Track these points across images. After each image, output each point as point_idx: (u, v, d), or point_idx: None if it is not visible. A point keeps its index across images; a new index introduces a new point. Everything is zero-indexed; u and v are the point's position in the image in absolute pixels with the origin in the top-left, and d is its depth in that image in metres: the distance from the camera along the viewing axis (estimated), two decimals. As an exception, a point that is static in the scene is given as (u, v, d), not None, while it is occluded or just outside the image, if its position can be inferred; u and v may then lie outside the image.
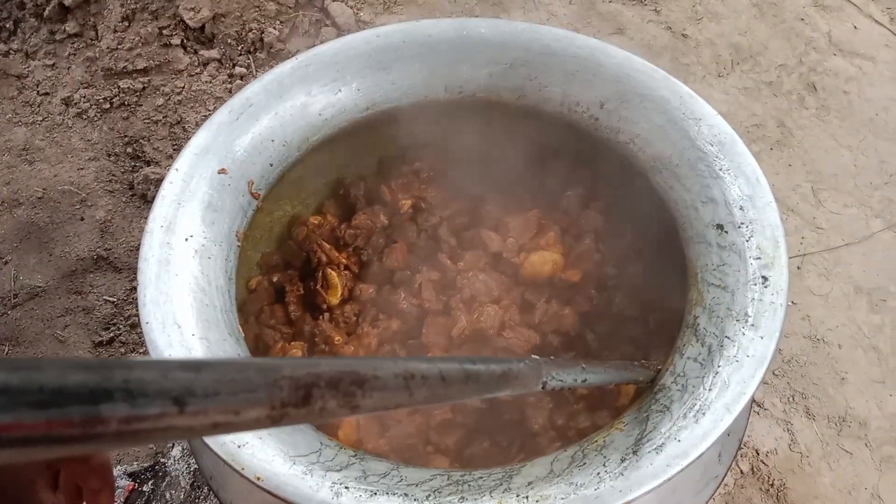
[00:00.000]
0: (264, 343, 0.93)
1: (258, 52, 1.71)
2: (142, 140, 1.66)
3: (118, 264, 1.53)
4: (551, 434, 0.87)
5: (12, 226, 1.59)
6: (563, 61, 0.93)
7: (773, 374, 1.40)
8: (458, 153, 1.06)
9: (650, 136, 0.88)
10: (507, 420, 0.89)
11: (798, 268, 1.52)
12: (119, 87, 1.69)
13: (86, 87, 1.71)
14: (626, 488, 0.62)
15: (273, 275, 0.98)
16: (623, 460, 0.65)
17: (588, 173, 1.01)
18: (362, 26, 1.74)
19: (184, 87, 1.68)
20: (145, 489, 1.22)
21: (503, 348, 0.92)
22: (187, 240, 0.77)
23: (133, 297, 1.46)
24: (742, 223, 0.78)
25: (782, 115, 1.75)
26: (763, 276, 0.74)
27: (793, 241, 1.55)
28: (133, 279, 0.80)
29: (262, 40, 1.70)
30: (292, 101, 0.89)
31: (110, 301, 1.49)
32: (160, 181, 0.80)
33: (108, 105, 1.69)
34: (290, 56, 0.92)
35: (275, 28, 1.71)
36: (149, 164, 1.64)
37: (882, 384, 1.39)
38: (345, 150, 0.99)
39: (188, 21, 1.67)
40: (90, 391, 0.23)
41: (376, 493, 0.62)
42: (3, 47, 1.78)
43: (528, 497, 0.62)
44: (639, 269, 0.97)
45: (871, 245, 1.56)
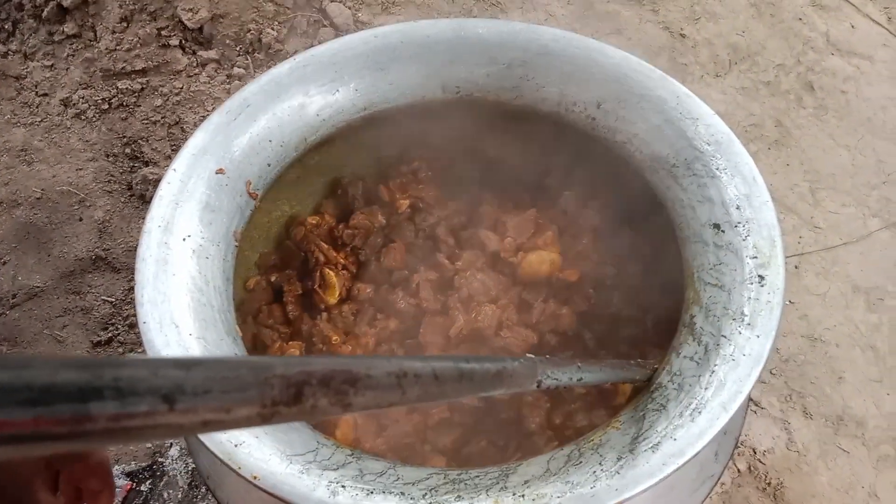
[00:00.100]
0: (262, 343, 0.93)
1: (256, 53, 1.71)
2: (140, 141, 1.66)
3: (116, 265, 1.54)
4: (548, 433, 0.87)
5: (11, 226, 1.59)
6: (560, 61, 0.93)
7: (770, 373, 1.40)
8: (456, 153, 1.06)
9: (647, 136, 0.88)
10: (505, 419, 0.89)
11: (796, 267, 1.53)
12: (117, 88, 1.69)
13: (84, 88, 1.71)
14: (623, 487, 0.62)
15: (271, 275, 0.99)
16: (619, 459, 0.65)
17: (585, 173, 1.01)
18: (360, 27, 1.74)
19: (182, 88, 1.69)
20: (143, 489, 1.22)
21: (501, 348, 0.92)
22: (185, 240, 0.77)
23: (131, 298, 1.46)
24: (739, 222, 0.78)
25: (780, 114, 1.75)
26: (760, 276, 0.74)
27: (790, 240, 1.56)
28: (131, 279, 0.80)
29: (260, 41, 1.70)
30: (290, 102, 0.89)
31: (108, 301, 1.49)
32: (158, 182, 0.80)
33: (106, 106, 1.69)
34: (288, 57, 0.92)
35: (273, 29, 1.71)
36: (147, 164, 1.64)
37: (879, 383, 1.39)
38: (342, 151, 0.99)
39: (186, 22, 1.67)
40: (79, 389, 0.23)
41: (373, 492, 0.62)
42: (1, 48, 1.78)
43: (524, 496, 0.62)
44: (636, 268, 0.97)
45: (869, 244, 1.56)
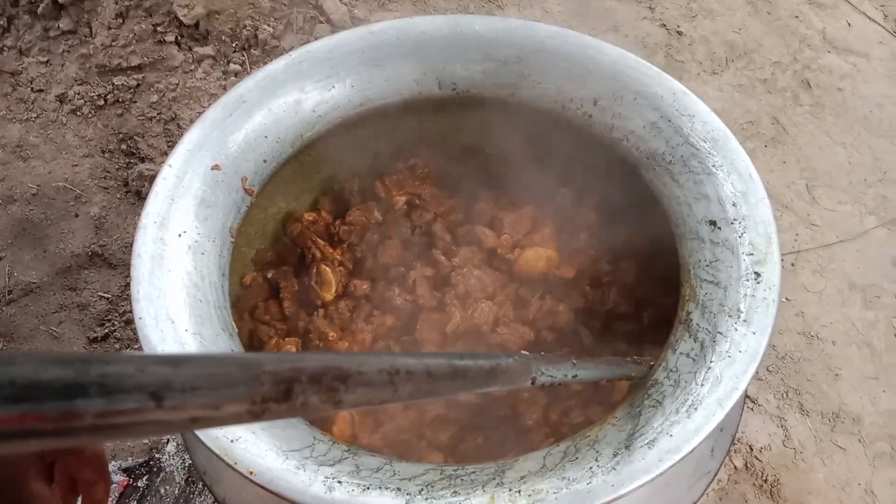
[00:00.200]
0: (259, 339, 0.93)
1: (252, 49, 1.70)
2: (136, 137, 1.66)
3: (113, 261, 1.53)
4: (545, 430, 0.87)
5: (7, 222, 1.59)
6: (557, 58, 0.93)
7: (767, 370, 1.40)
8: (453, 150, 1.06)
9: (644, 133, 0.88)
10: (502, 416, 0.89)
11: (792, 264, 1.53)
12: (113, 84, 1.68)
13: (80, 84, 1.70)
14: (619, 483, 0.62)
15: (267, 271, 0.98)
16: (615, 455, 0.65)
17: (582, 170, 1.01)
18: (357, 23, 1.74)
19: (178, 84, 1.68)
20: (140, 484, 1.22)
21: (497, 344, 0.92)
22: (181, 235, 0.77)
23: (127, 294, 1.46)
24: (735, 219, 0.78)
25: (777, 112, 1.75)
26: (756, 272, 0.74)
27: (787, 237, 1.56)
28: (127, 275, 0.80)
29: (256, 37, 1.70)
30: (286, 98, 0.89)
31: (105, 297, 1.49)
32: (154, 178, 0.80)
33: (102, 102, 1.69)
34: (284, 53, 0.92)
35: (269, 25, 1.71)
36: (143, 160, 1.64)
37: (875, 380, 1.40)
38: (339, 147, 0.99)
39: (182, 18, 1.67)
40: (65, 385, 0.23)
41: (369, 488, 0.63)
42: (-3, 44, 1.77)
43: (520, 491, 0.62)
44: (632, 265, 0.97)
45: (865, 242, 1.57)
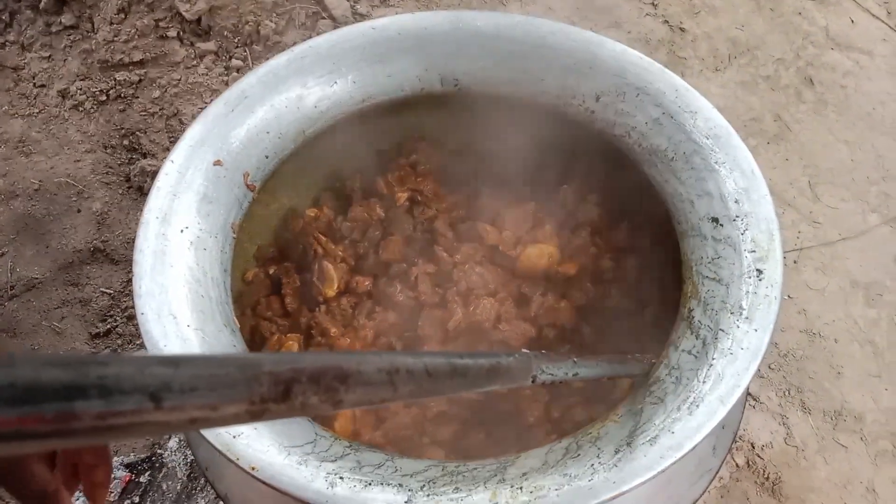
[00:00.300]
0: (261, 335, 0.93)
1: (254, 45, 1.70)
2: (138, 132, 1.66)
3: (115, 256, 1.53)
4: (547, 427, 0.87)
5: (9, 218, 1.59)
6: (559, 54, 0.92)
7: (769, 367, 1.40)
8: (455, 146, 1.06)
9: (646, 129, 0.88)
10: (503, 413, 0.89)
11: (795, 262, 1.53)
12: (115, 80, 1.68)
13: (82, 80, 1.70)
14: (620, 480, 0.62)
15: (269, 267, 0.98)
16: (617, 452, 0.65)
17: (584, 166, 1.01)
18: (359, 19, 1.73)
19: (180, 80, 1.68)
20: (142, 480, 1.22)
21: (499, 341, 0.92)
22: (182, 231, 0.77)
23: (130, 289, 1.46)
24: (737, 216, 0.78)
25: (779, 109, 1.75)
26: (758, 269, 0.74)
27: (789, 235, 1.56)
28: (130, 271, 0.80)
29: (258, 33, 1.69)
30: (288, 94, 0.89)
31: (107, 293, 1.49)
32: (156, 173, 0.80)
33: (104, 97, 1.69)
34: (286, 48, 0.92)
35: (271, 20, 1.70)
36: (145, 156, 1.64)
37: (878, 378, 1.40)
38: (341, 143, 0.99)
39: (184, 13, 1.67)
40: (64, 387, 0.23)
41: (371, 484, 0.62)
42: (-1, 39, 1.77)
43: (522, 488, 0.62)
44: (634, 262, 0.97)
45: (868, 240, 1.56)
